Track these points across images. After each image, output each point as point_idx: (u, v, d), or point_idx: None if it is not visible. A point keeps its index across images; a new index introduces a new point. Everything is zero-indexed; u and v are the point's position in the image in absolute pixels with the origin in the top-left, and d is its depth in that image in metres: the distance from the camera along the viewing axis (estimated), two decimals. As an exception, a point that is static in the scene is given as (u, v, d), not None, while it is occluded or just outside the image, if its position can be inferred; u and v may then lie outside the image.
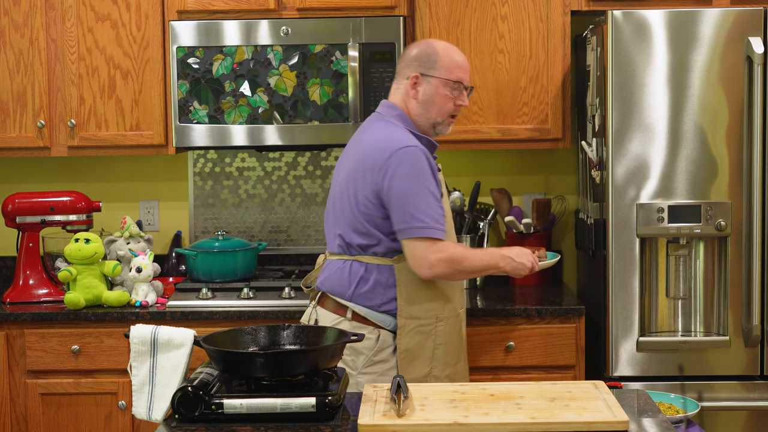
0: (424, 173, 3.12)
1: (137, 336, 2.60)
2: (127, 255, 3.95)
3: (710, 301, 3.62)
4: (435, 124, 3.25)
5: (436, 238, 3.09)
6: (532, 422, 2.28)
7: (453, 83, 3.22)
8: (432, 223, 3.10)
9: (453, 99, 3.24)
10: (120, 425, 3.83)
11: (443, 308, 3.21)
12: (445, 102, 3.24)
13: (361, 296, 3.16)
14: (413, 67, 3.24)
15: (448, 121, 3.27)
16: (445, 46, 3.27)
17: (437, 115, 3.24)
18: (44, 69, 4.06)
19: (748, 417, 3.59)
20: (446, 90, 3.22)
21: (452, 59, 3.24)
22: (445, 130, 3.29)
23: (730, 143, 3.53)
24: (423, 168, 3.12)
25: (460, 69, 3.25)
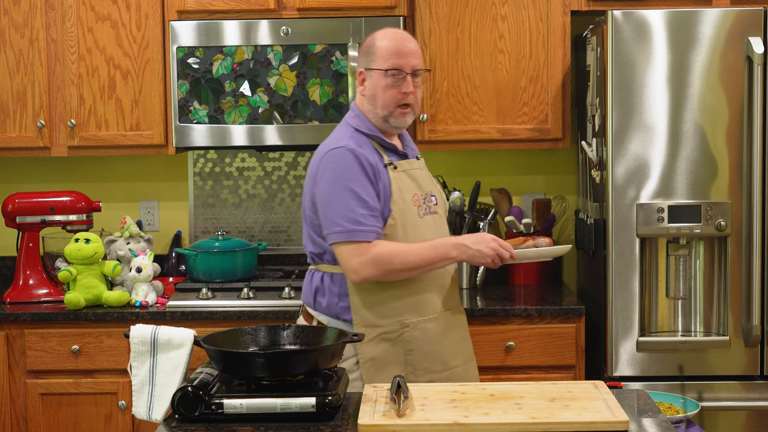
0: (348, 173, 3.00)
1: (137, 336, 2.60)
2: (127, 255, 3.95)
3: (710, 301, 3.62)
4: (385, 117, 3.09)
5: (356, 241, 2.96)
6: (532, 422, 2.28)
7: (389, 71, 3.06)
8: (350, 225, 2.97)
9: (396, 88, 3.07)
10: (120, 425, 3.83)
11: (410, 313, 3.06)
12: (386, 92, 3.08)
13: (322, 306, 3.10)
14: (359, 63, 3.15)
15: (399, 111, 3.09)
16: (383, 34, 3.12)
17: (383, 108, 3.08)
18: (44, 69, 4.06)
19: (748, 417, 3.59)
20: (386, 80, 3.07)
21: (387, 47, 3.08)
22: (399, 122, 3.11)
23: (730, 143, 3.53)
24: (347, 168, 3.00)
25: (396, 55, 3.07)
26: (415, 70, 3.09)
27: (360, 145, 3.05)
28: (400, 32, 3.16)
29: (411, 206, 3.08)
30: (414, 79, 3.10)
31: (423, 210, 3.12)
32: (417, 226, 3.08)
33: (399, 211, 3.05)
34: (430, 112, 4.02)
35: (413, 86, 3.09)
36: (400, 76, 3.07)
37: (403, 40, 3.12)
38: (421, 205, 3.11)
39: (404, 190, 3.07)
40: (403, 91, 3.07)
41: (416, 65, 3.10)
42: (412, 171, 3.13)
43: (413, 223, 3.07)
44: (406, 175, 3.10)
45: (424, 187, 3.16)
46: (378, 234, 3.00)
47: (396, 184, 3.05)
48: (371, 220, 2.98)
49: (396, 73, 3.07)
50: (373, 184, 3.01)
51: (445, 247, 3.04)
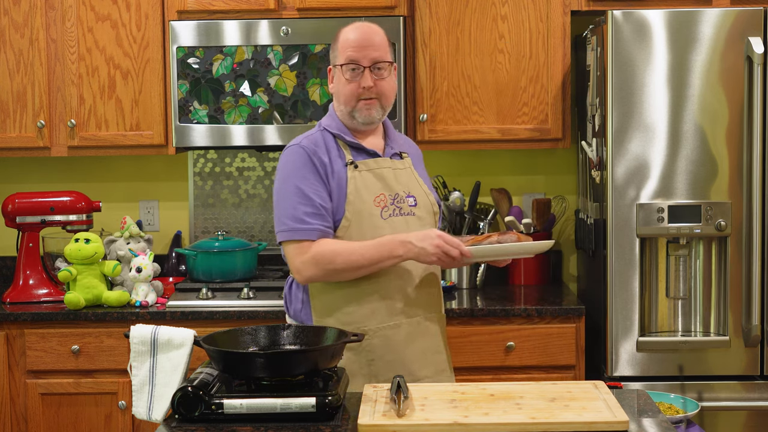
0: (297, 171, 2.92)
1: (137, 336, 2.60)
2: (127, 255, 3.95)
3: (710, 301, 3.62)
4: (350, 113, 2.97)
5: (298, 240, 2.88)
6: (532, 422, 2.28)
7: (346, 66, 2.95)
8: (292, 224, 2.89)
9: (355, 82, 2.94)
10: (120, 425, 3.83)
11: (369, 319, 2.92)
12: (346, 87, 2.96)
13: (290, 312, 3.05)
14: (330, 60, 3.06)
15: (363, 104, 2.95)
16: (345, 30, 3.00)
17: (345, 104, 2.97)
18: (44, 69, 4.06)
19: (748, 417, 3.59)
20: (345, 75, 2.95)
21: (344, 41, 2.97)
22: (365, 116, 2.97)
23: (730, 143, 3.53)
24: (296, 166, 2.93)
25: (352, 48, 2.94)
26: (375, 63, 2.95)
27: (316, 143, 2.97)
28: (363, 25, 3.01)
29: (371, 207, 2.95)
30: (376, 72, 2.95)
31: (389, 211, 2.97)
32: (377, 227, 2.94)
33: (354, 212, 2.93)
34: (430, 112, 4.02)
35: (372, 80, 2.94)
36: (359, 70, 2.95)
37: (363, 32, 2.97)
38: (387, 206, 2.97)
39: (363, 190, 2.95)
40: (362, 85, 2.94)
41: (376, 57, 2.95)
42: (379, 170, 2.99)
43: (372, 224, 2.94)
44: (372, 175, 2.97)
45: (396, 187, 3.00)
46: (323, 233, 2.89)
47: (354, 184, 2.94)
48: (316, 219, 2.89)
49: (354, 67, 2.95)
50: (325, 182, 2.92)
51: (391, 244, 2.87)
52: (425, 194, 3.07)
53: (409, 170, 3.07)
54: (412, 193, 3.03)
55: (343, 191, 2.93)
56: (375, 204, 2.95)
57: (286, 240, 2.92)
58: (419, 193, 3.05)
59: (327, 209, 2.91)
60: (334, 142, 2.99)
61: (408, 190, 3.02)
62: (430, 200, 3.08)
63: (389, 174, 3.00)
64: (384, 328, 2.93)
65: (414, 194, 3.03)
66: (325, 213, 2.91)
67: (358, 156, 2.99)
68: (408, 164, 3.08)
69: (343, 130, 3.01)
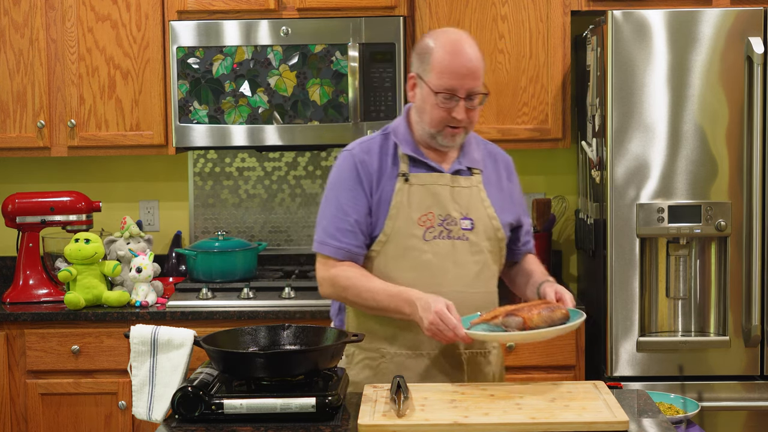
0: (340, 181, 2.77)
1: (137, 336, 2.60)
2: (127, 255, 3.95)
3: (710, 301, 3.62)
4: (432, 134, 2.74)
5: (324, 254, 2.76)
6: (532, 422, 2.28)
7: (441, 94, 2.69)
8: (323, 236, 2.77)
9: (446, 110, 2.70)
10: (120, 425, 3.83)
11: (387, 342, 2.77)
12: (434, 111, 2.71)
13: (334, 313, 2.93)
14: (413, 65, 2.78)
15: (448, 132, 2.72)
16: (443, 42, 2.71)
17: (429, 125, 2.73)
18: (44, 69, 4.06)
19: (748, 417, 3.59)
20: (437, 99, 2.69)
21: (443, 62, 2.68)
22: (447, 142, 2.74)
23: (730, 143, 3.53)
24: (341, 174, 2.77)
25: (453, 75, 2.67)
26: (470, 94, 2.70)
27: (369, 150, 2.78)
28: (464, 48, 2.69)
29: (413, 225, 2.73)
30: (469, 102, 2.70)
31: (434, 233, 2.74)
32: (416, 249, 2.73)
33: (394, 229, 2.73)
34: (430, 112, 4.02)
35: (465, 111, 2.70)
36: (453, 99, 2.69)
37: (465, 58, 2.68)
38: (433, 226, 2.74)
39: (409, 206, 2.74)
40: (455, 116, 2.69)
41: (473, 87, 2.69)
42: (434, 186, 2.75)
43: (411, 244, 2.73)
44: (423, 190, 2.75)
45: (449, 206, 2.75)
46: (351, 253, 2.74)
47: (399, 198, 2.73)
48: (348, 236, 2.73)
49: (449, 96, 2.68)
50: (367, 195, 2.74)
51: (401, 300, 2.65)
52: (488, 218, 2.79)
53: (474, 189, 2.80)
54: (470, 215, 2.77)
55: (387, 205, 2.73)
56: (419, 223, 2.74)
57: (315, 251, 2.81)
58: (480, 216, 2.78)
59: (362, 225, 2.74)
60: (394, 149, 2.78)
61: (466, 211, 2.77)
62: (494, 225, 2.80)
63: (445, 192, 2.76)
64: (399, 355, 2.76)
65: (472, 217, 2.77)
66: (359, 231, 2.74)
67: (417, 168, 2.77)
68: (476, 182, 2.81)
69: (408, 141, 2.79)
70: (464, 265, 2.76)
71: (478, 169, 2.84)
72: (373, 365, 2.78)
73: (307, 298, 3.85)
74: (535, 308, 2.56)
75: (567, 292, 2.72)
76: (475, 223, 2.77)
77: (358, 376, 2.78)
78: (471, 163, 2.83)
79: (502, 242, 2.83)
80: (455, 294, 2.71)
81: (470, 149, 2.85)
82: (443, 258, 2.74)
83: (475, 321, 2.59)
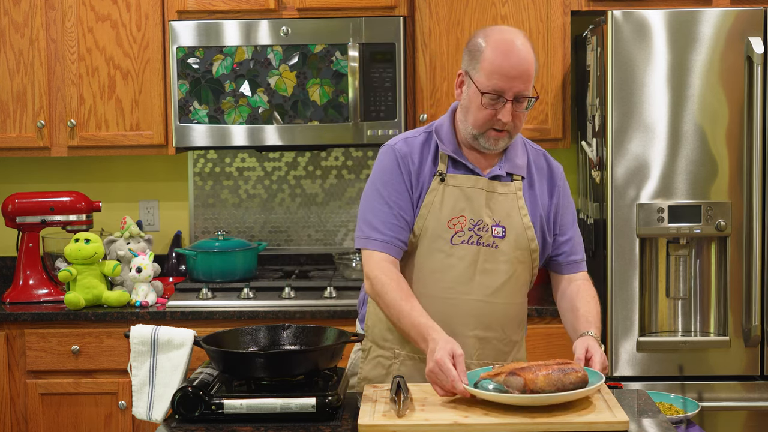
0: (382, 174, 2.70)
1: (137, 336, 2.60)
2: (127, 255, 3.95)
3: (710, 301, 3.62)
4: (475, 136, 2.66)
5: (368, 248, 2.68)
6: (532, 422, 2.28)
7: (488, 94, 2.60)
8: (367, 231, 2.68)
9: (492, 111, 2.61)
10: (120, 425, 3.83)
11: (401, 343, 2.73)
12: (480, 112, 2.63)
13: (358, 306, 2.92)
14: (464, 62, 2.69)
15: (491, 134, 2.64)
16: (496, 41, 2.61)
17: (473, 126, 2.65)
18: (44, 69, 4.06)
19: (748, 417, 3.59)
20: (484, 100, 2.61)
21: (494, 62, 2.58)
22: (491, 145, 2.66)
23: (730, 143, 3.53)
24: (383, 168, 2.71)
25: (502, 76, 2.57)
26: (518, 97, 2.61)
27: (412, 146, 2.72)
28: (516, 47, 2.60)
29: (442, 227, 2.68)
30: (516, 105, 2.62)
31: (462, 237, 2.67)
32: (442, 252, 2.68)
33: (423, 229, 2.68)
34: (430, 113, 4.02)
35: (512, 114, 2.61)
36: (500, 101, 2.61)
37: (517, 58, 2.59)
38: (463, 230, 2.67)
39: (441, 207, 2.68)
40: (500, 118, 2.61)
41: (522, 90, 2.60)
42: (470, 189, 2.68)
43: (437, 247, 2.68)
44: (458, 192, 2.69)
45: (482, 212, 2.68)
46: (394, 246, 2.67)
47: (432, 198, 2.68)
48: (392, 228, 2.66)
49: (496, 97, 2.60)
50: (409, 190, 2.68)
51: (419, 334, 2.55)
52: (523, 227, 2.71)
53: (512, 196, 2.72)
54: (503, 223, 2.70)
55: (420, 203, 2.69)
56: (449, 226, 2.68)
57: (359, 247, 2.71)
58: (513, 225, 2.71)
59: (406, 218, 2.68)
60: (435, 148, 2.72)
61: (499, 218, 2.70)
62: (528, 235, 2.72)
63: (480, 196, 2.69)
64: (411, 356, 2.73)
65: (505, 225, 2.70)
66: (400, 223, 2.67)
67: (455, 170, 2.71)
68: (514, 189, 2.73)
69: (450, 139, 2.72)
70: (490, 274, 2.70)
71: (520, 175, 2.75)
72: (386, 364, 2.75)
73: (307, 298, 3.85)
74: (545, 368, 2.34)
75: (599, 352, 2.55)
76: (508, 232, 2.70)
77: (371, 373, 2.76)
78: (512, 169, 2.74)
79: (535, 253, 2.75)
80: (478, 303, 2.69)
81: (514, 154, 2.76)
82: (468, 264, 2.69)
83: (483, 375, 2.44)
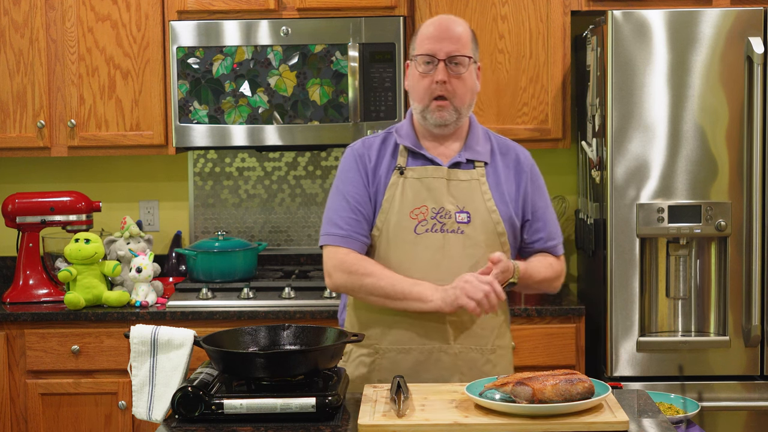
0: (340, 174, 2.82)
1: (137, 336, 2.60)
2: (127, 255, 3.95)
3: (710, 301, 3.62)
4: (422, 113, 2.76)
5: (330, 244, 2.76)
6: (532, 423, 2.28)
7: (422, 57, 2.72)
8: (329, 228, 2.77)
9: (428, 77, 2.72)
10: (120, 425, 3.83)
11: (383, 338, 2.78)
12: (419, 82, 2.74)
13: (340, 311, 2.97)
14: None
15: (434, 105, 2.73)
16: (426, 22, 2.80)
17: (418, 101, 2.76)
18: (44, 69, 4.06)
19: (748, 417, 3.59)
20: (419, 68, 2.73)
21: (423, 32, 2.75)
22: (435, 117, 2.74)
23: (730, 143, 3.54)
24: (343, 168, 2.82)
25: (430, 39, 2.72)
26: (451, 57, 2.71)
27: (370, 145, 2.82)
28: (446, 17, 2.78)
29: (405, 218, 2.75)
30: (453, 67, 2.71)
31: (426, 225, 2.74)
32: (407, 242, 2.74)
33: (385, 222, 2.76)
34: (430, 112, 4.02)
35: (447, 75, 2.70)
36: (433, 63, 2.71)
37: (443, 23, 2.74)
38: (426, 219, 2.74)
39: (402, 199, 2.76)
40: (435, 79, 2.70)
41: (453, 51, 2.71)
42: (428, 180, 2.76)
43: (402, 238, 2.75)
44: (418, 183, 2.76)
45: (444, 200, 2.75)
46: (355, 240, 2.75)
47: (392, 192, 2.76)
48: (351, 224, 2.75)
49: (429, 60, 2.71)
50: (367, 185, 2.78)
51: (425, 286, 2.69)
52: (487, 211, 2.77)
53: (474, 182, 2.79)
54: (467, 208, 2.76)
55: (381, 198, 2.77)
56: (411, 216, 2.75)
57: (323, 244, 2.80)
58: (478, 209, 2.77)
59: (364, 213, 2.77)
60: (395, 145, 2.82)
61: (463, 204, 2.76)
62: (493, 218, 2.77)
63: (440, 185, 2.76)
64: (392, 350, 2.78)
65: (469, 210, 2.76)
66: (359, 218, 2.76)
67: (415, 162, 2.79)
68: (477, 175, 2.80)
69: (409, 134, 2.82)
70: (457, 259, 2.75)
71: (482, 161, 2.82)
72: (368, 362, 2.79)
73: (307, 298, 3.85)
74: (552, 378, 2.34)
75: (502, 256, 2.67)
76: (473, 217, 2.76)
77: (355, 373, 2.80)
78: (473, 156, 2.81)
79: (503, 236, 2.79)
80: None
81: (474, 142, 2.83)
82: (434, 251, 2.74)
83: (488, 386, 2.42)
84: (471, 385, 2.46)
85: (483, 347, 2.81)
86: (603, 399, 2.39)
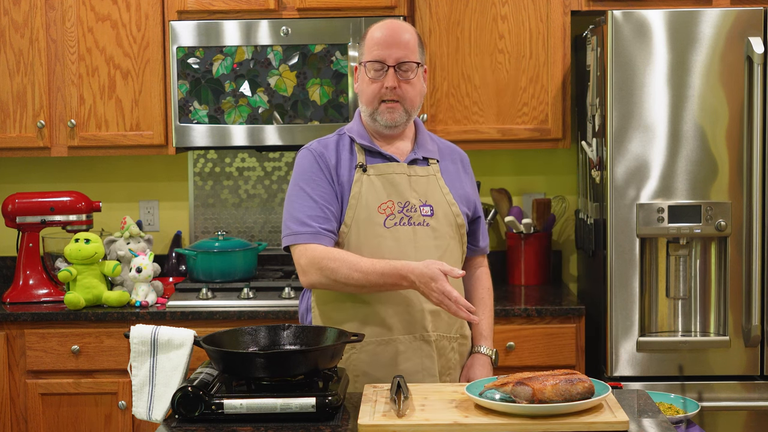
0: (301, 174, 2.83)
1: (137, 336, 2.60)
2: (127, 255, 3.95)
3: (710, 301, 3.62)
4: (371, 115, 2.84)
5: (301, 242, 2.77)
6: (532, 422, 2.28)
7: (371, 64, 2.81)
8: (295, 227, 2.79)
9: (378, 82, 2.81)
10: (120, 425, 3.83)
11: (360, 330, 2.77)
12: (368, 87, 2.82)
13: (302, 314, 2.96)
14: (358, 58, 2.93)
15: (384, 108, 2.81)
16: (373, 27, 2.87)
17: (367, 104, 2.84)
18: (44, 69, 4.06)
19: (748, 417, 3.59)
20: (369, 73, 2.81)
21: (371, 38, 2.83)
22: (386, 119, 2.82)
23: (730, 143, 3.54)
24: (302, 168, 2.84)
25: (379, 45, 2.80)
26: (400, 63, 2.80)
27: (326, 145, 2.87)
28: (391, 22, 2.87)
29: (374, 213, 2.81)
30: (401, 73, 2.81)
31: (394, 219, 2.81)
32: (377, 236, 2.80)
33: (354, 218, 2.81)
34: (430, 112, 4.02)
35: (396, 80, 2.80)
36: (383, 69, 2.80)
37: (390, 29, 2.83)
38: (393, 213, 2.81)
39: (368, 195, 2.82)
40: (385, 85, 2.80)
41: (402, 57, 2.80)
42: (391, 176, 2.84)
43: (372, 232, 2.80)
44: (381, 180, 2.83)
45: (408, 194, 2.84)
46: (325, 237, 2.77)
47: (358, 188, 2.82)
48: (319, 221, 2.78)
49: (378, 67, 2.80)
50: (332, 184, 2.82)
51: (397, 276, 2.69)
52: (447, 204, 2.88)
53: (432, 178, 2.90)
54: (429, 202, 2.86)
55: (346, 195, 2.81)
56: (379, 211, 2.82)
57: (290, 244, 2.80)
58: (439, 203, 2.87)
59: (333, 210, 2.81)
60: (350, 145, 2.88)
61: (425, 198, 2.86)
62: (454, 211, 2.89)
63: (403, 180, 2.85)
64: (369, 343, 2.79)
65: (431, 203, 2.86)
66: (330, 216, 2.80)
67: (374, 160, 2.86)
68: (433, 171, 2.91)
69: (362, 134, 2.89)
70: (426, 250, 2.82)
71: (435, 159, 2.93)
72: (344, 357, 2.79)
73: (307, 298, 3.85)
74: (552, 378, 2.34)
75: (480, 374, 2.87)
76: (435, 210, 2.86)
77: None
78: (426, 153, 2.92)
79: (462, 228, 2.91)
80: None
81: (424, 141, 2.95)
82: (404, 244, 2.81)
83: (488, 386, 2.42)
84: (471, 385, 2.47)
85: (450, 335, 2.89)
86: (603, 399, 2.39)
